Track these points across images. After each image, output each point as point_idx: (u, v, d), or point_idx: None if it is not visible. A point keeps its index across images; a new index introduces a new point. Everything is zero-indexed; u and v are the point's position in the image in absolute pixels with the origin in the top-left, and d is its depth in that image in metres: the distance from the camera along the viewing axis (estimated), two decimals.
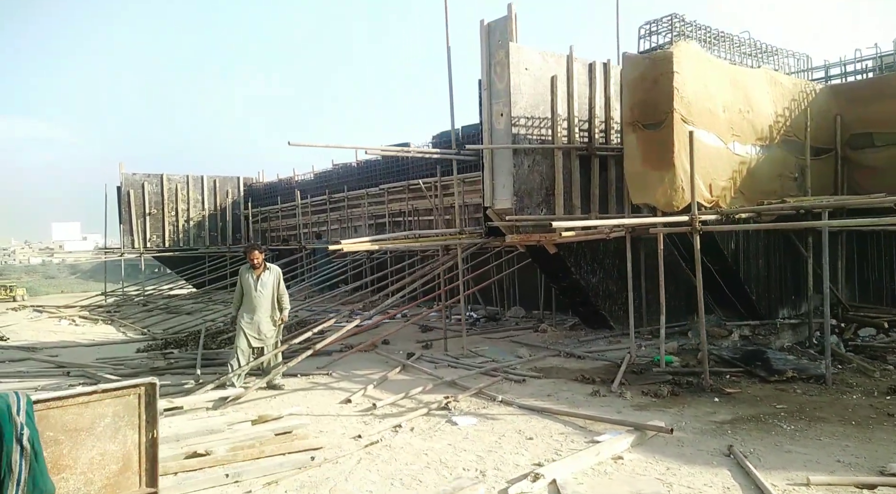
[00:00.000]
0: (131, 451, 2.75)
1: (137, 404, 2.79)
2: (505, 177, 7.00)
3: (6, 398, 2.38)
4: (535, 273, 10.45)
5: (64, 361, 7.83)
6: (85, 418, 2.64)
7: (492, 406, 4.96)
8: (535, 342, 7.78)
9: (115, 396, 2.73)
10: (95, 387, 2.72)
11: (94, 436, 2.66)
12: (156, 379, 2.85)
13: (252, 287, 5.91)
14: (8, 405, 2.35)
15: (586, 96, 7.51)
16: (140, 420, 2.79)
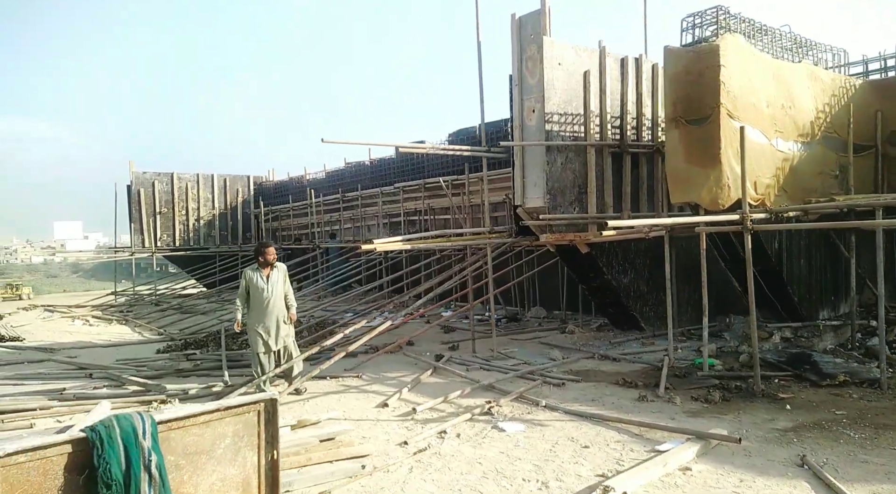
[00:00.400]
0: (251, 475, 2.49)
1: (257, 422, 2.52)
2: (537, 175, 6.82)
3: (131, 419, 2.15)
4: (555, 273, 10.27)
5: (84, 362, 7.69)
6: (206, 439, 2.38)
7: (536, 412, 4.79)
8: (564, 344, 7.61)
9: (236, 414, 2.47)
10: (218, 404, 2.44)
11: (214, 459, 2.39)
12: (276, 395, 2.62)
13: (263, 288, 5.66)
14: (133, 427, 2.12)
15: (618, 92, 7.32)
16: (260, 440, 2.52)
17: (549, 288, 10.81)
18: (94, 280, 46.72)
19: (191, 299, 15.30)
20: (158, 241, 18.47)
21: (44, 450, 1.98)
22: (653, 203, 7.76)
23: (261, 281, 5.67)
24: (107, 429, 2.08)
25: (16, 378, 6.87)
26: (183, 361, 7.57)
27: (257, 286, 5.66)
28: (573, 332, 8.22)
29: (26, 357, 8.28)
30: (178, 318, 12.32)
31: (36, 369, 7.59)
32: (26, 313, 15.07)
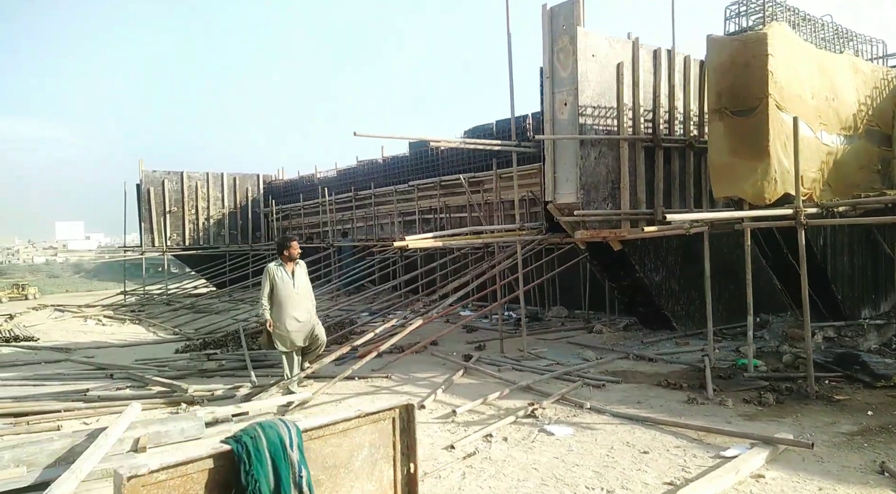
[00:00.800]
0: (387, 491, 2.25)
1: (392, 431, 2.29)
2: (569, 170, 6.63)
3: (277, 428, 1.91)
4: (576, 272, 10.08)
5: (102, 362, 7.53)
6: (343, 450, 2.14)
7: (582, 414, 4.60)
8: (593, 344, 7.41)
9: (373, 421, 2.24)
10: (357, 412, 2.22)
11: (352, 473, 2.14)
12: (413, 401, 2.39)
13: (290, 283, 5.43)
14: (281, 438, 1.88)
15: (650, 85, 7.12)
16: (395, 451, 2.29)
17: (569, 287, 10.62)
18: (96, 281, 46.69)
19: (203, 298, 15.15)
20: (168, 240, 18.35)
21: (185, 466, 1.73)
22: (684, 199, 7.56)
23: (286, 276, 5.45)
24: (253, 441, 1.82)
25: (35, 379, 6.72)
26: (204, 361, 7.40)
27: (283, 281, 5.42)
28: (601, 332, 8.03)
29: (43, 358, 8.12)
30: (192, 317, 12.17)
31: (54, 369, 7.43)
32: (36, 312, 14.94)
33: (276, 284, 5.42)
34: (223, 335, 9.14)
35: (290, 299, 5.40)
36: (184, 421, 4.34)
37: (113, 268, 54.61)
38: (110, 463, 3.66)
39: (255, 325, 10.09)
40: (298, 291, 5.43)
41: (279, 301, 5.41)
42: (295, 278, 5.46)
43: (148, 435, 4.07)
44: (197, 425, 4.31)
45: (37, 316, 14.08)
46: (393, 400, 5.26)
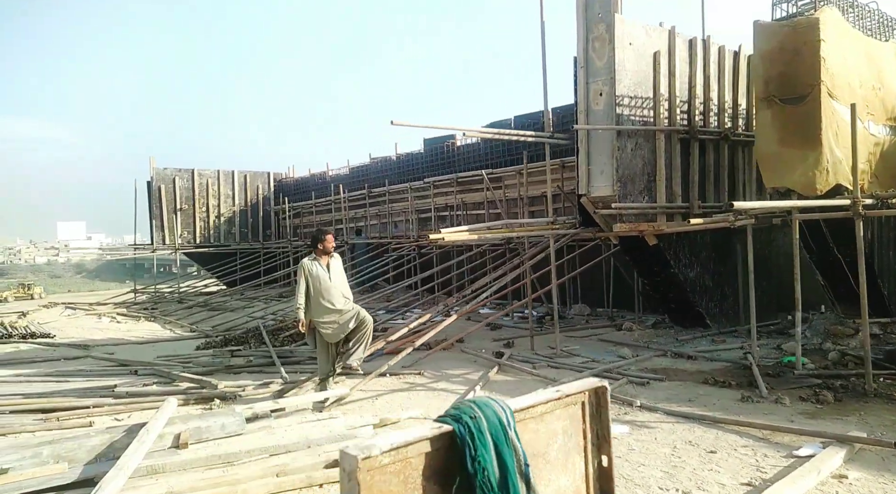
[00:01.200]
0: (580, 487, 1.92)
1: (581, 416, 1.95)
2: (604, 162, 6.47)
3: (493, 407, 1.63)
4: (599, 268, 9.91)
5: (123, 359, 7.39)
6: (540, 437, 1.84)
7: (634, 412, 4.43)
8: (625, 341, 7.24)
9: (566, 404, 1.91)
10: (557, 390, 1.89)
11: (549, 464, 1.83)
12: (605, 382, 2.05)
13: (326, 277, 5.12)
14: (500, 418, 1.61)
15: (686, 75, 6.96)
16: (586, 441, 1.95)
17: (591, 284, 10.45)
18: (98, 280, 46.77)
19: (215, 296, 15.01)
20: (179, 238, 18.23)
21: (405, 449, 1.52)
22: (718, 192, 7.39)
23: (322, 271, 5.17)
24: (475, 421, 1.55)
25: (57, 375, 6.58)
26: (228, 357, 7.26)
27: (318, 276, 5.13)
28: (631, 329, 7.85)
29: (62, 354, 7.99)
30: (207, 315, 12.03)
31: (75, 366, 7.29)
32: (48, 310, 14.86)
33: (312, 279, 5.14)
34: (243, 332, 9.00)
35: (325, 294, 5.13)
36: (223, 417, 4.18)
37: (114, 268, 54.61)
38: (153, 460, 3.52)
39: (274, 322, 9.96)
40: (335, 284, 5.20)
41: (316, 296, 5.13)
42: (331, 272, 5.21)
43: (188, 431, 3.92)
44: (237, 420, 4.16)
45: (48, 314, 13.99)
46: (431, 397, 5.14)
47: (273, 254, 17.84)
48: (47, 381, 6.34)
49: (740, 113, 7.68)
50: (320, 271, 5.17)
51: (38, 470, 3.41)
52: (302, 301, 5.12)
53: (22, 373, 6.73)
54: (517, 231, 6.50)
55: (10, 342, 9.00)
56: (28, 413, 4.97)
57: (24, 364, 7.42)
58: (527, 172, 8.73)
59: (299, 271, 5.21)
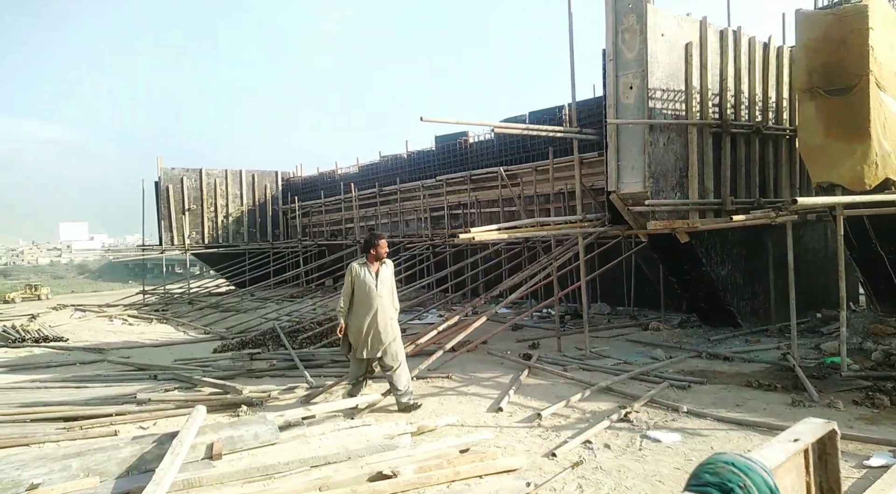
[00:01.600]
0: None
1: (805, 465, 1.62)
2: (634, 157, 6.27)
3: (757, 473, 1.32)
4: (619, 266, 9.71)
5: (140, 362, 7.24)
6: None
7: (680, 419, 4.25)
8: (655, 341, 7.05)
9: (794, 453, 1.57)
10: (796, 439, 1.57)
11: None
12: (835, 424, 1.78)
13: (372, 285, 4.79)
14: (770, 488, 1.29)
15: (717, 68, 6.74)
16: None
17: (611, 283, 10.26)
18: (100, 281, 46.77)
19: (226, 297, 14.86)
20: (187, 238, 18.10)
21: None
22: (749, 188, 7.19)
23: (369, 277, 4.80)
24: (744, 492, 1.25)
25: (75, 381, 6.44)
26: (248, 360, 7.10)
27: (365, 283, 4.78)
28: (658, 329, 7.66)
29: (77, 359, 7.85)
30: (220, 317, 11.88)
31: (92, 370, 7.15)
32: (57, 312, 14.72)
33: (356, 285, 4.79)
34: (259, 334, 8.84)
35: (368, 303, 4.77)
36: (256, 425, 4.02)
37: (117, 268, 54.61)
38: (189, 473, 3.36)
39: (290, 324, 9.80)
40: (382, 294, 4.81)
41: (357, 304, 4.80)
42: (379, 281, 4.83)
43: (221, 441, 3.76)
44: (270, 429, 3.99)
45: (58, 316, 13.85)
46: (464, 401, 5.00)
47: (282, 254, 17.71)
48: (66, 387, 6.20)
49: (770, 106, 7.47)
50: (368, 277, 4.82)
51: (69, 485, 3.25)
52: (344, 305, 4.84)
53: (39, 379, 6.59)
54: (547, 230, 6.32)
55: (23, 345, 8.87)
56: (50, 422, 4.82)
57: (39, 369, 7.28)
58: (553, 167, 8.50)
59: (347, 274, 4.93)
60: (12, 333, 9.77)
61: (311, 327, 9.05)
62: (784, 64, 7.60)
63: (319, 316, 10.10)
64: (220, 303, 13.71)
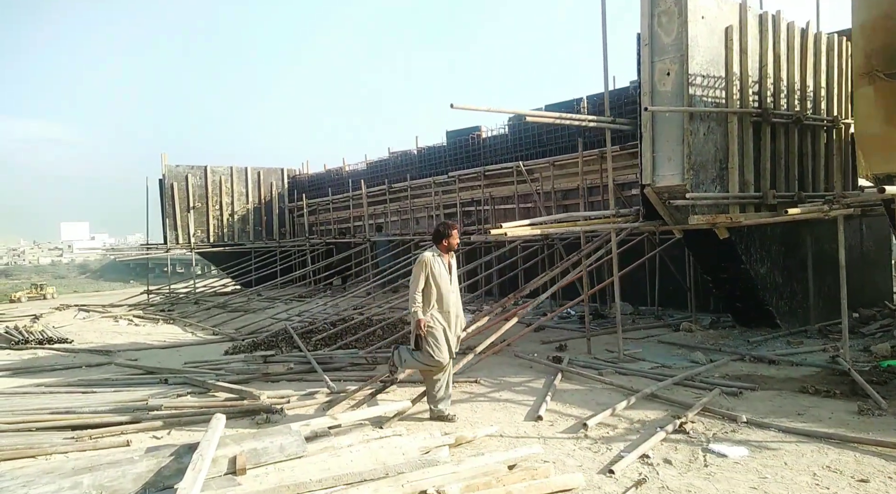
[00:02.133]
0: None
1: None
2: (672, 148, 5.92)
3: None
4: (642, 265, 9.36)
5: (149, 365, 6.93)
6: None
7: (742, 430, 3.91)
8: (689, 343, 6.71)
9: None
10: None
11: None
12: None
13: (447, 281, 4.27)
14: None
15: (757, 53, 6.39)
16: None
17: (633, 282, 9.89)
18: (102, 280, 46.65)
19: (233, 297, 14.54)
20: (192, 237, 17.79)
21: None
22: (788, 180, 6.83)
23: (444, 270, 4.29)
24: None
25: (81, 385, 6.12)
26: (261, 363, 6.78)
27: (440, 277, 4.23)
28: (690, 330, 7.31)
29: (83, 361, 7.54)
30: (228, 317, 11.57)
31: (98, 373, 6.84)
32: (60, 313, 14.40)
33: (432, 279, 4.21)
34: (271, 335, 8.52)
35: (443, 299, 4.26)
36: (281, 436, 3.69)
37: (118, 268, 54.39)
38: (211, 491, 3.03)
39: (302, 324, 9.48)
40: (454, 288, 4.37)
41: (436, 301, 4.25)
42: (452, 274, 4.38)
43: (244, 454, 3.43)
44: (296, 440, 3.66)
45: (62, 316, 13.55)
46: (498, 408, 4.61)
47: (289, 253, 17.39)
48: (72, 392, 5.88)
49: (808, 96, 7.11)
50: (442, 270, 4.27)
51: None
52: (420, 299, 4.24)
53: (44, 383, 6.28)
54: (580, 225, 5.98)
55: (27, 347, 8.56)
56: (57, 431, 4.51)
57: (44, 373, 6.97)
58: (581, 160, 8.10)
59: (419, 266, 4.27)
60: (15, 334, 9.46)
61: (325, 328, 8.73)
62: (822, 51, 7.24)
63: (332, 316, 9.79)
64: (227, 303, 13.40)
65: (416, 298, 4.26)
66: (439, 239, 4.40)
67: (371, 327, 8.60)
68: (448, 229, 4.38)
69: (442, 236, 4.38)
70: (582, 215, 6.11)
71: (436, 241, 4.43)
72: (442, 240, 4.38)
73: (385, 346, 7.44)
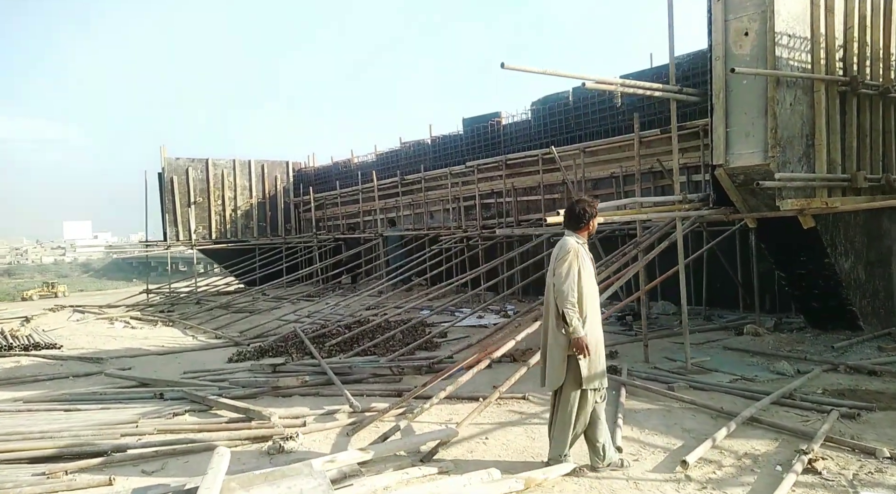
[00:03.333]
0: None
1: None
2: (750, 122, 5.04)
3: None
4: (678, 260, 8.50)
5: (143, 376, 6.10)
6: None
7: (889, 468, 3.06)
8: (760, 349, 5.84)
9: None
10: None
11: None
12: None
13: (594, 274, 3.26)
14: None
15: (842, 12, 5.49)
16: None
17: (674, 279, 9.02)
18: (105, 279, 46.15)
19: (238, 296, 13.72)
20: (194, 233, 16.99)
21: None
22: (872, 161, 5.94)
23: (591, 265, 3.23)
24: None
25: (64, 400, 5.30)
26: (268, 372, 5.95)
27: (588, 271, 3.17)
28: (757, 333, 6.44)
29: (70, 370, 6.72)
30: (231, 319, 10.75)
31: (86, 384, 6.03)
32: (54, 314, 13.56)
33: (584, 275, 3.12)
34: (279, 340, 7.69)
35: (596, 299, 3.25)
36: (300, 479, 2.87)
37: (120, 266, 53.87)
38: None
39: (313, 327, 8.66)
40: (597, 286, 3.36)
41: (587, 305, 3.13)
42: (594, 265, 3.38)
43: None
44: (321, 486, 2.83)
45: (55, 318, 12.73)
46: None
47: (295, 250, 16.57)
48: (53, 409, 5.06)
49: (891, 65, 6.20)
50: (588, 262, 3.19)
51: None
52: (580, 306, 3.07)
53: (21, 397, 5.46)
54: (647, 211, 5.14)
55: (9, 354, 7.75)
56: (28, 464, 3.71)
57: (25, 385, 6.16)
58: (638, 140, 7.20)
59: (570, 258, 3.08)
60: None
61: (339, 331, 7.90)
62: None
63: (346, 318, 8.96)
64: (230, 303, 12.58)
65: (573, 300, 3.02)
66: (583, 221, 3.20)
67: (390, 330, 7.78)
68: (591, 209, 3.24)
69: (588, 217, 3.20)
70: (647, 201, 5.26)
71: (575, 224, 3.23)
72: (589, 222, 3.22)
73: (408, 353, 6.62)
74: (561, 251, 3.14)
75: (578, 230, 3.25)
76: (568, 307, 3.03)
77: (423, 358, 6.30)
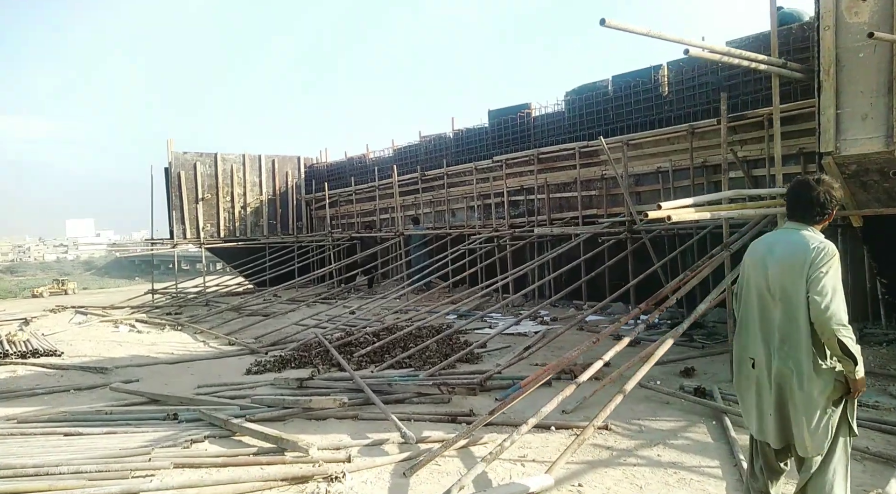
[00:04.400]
0: None
1: None
2: (867, 103, 4.29)
3: None
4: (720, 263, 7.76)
5: (153, 391, 5.39)
6: None
7: None
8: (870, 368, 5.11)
9: None
10: None
11: None
12: None
13: None
14: None
15: None
16: None
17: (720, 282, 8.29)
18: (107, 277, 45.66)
19: (249, 298, 13.00)
20: (201, 231, 16.29)
21: None
22: None
23: None
24: None
25: (65, 421, 4.60)
26: (294, 388, 5.22)
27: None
28: None
29: (72, 383, 6.01)
30: (244, 323, 10.03)
31: (89, 400, 5.32)
32: (55, 316, 12.81)
33: None
34: (302, 348, 6.97)
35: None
36: None
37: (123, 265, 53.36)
38: None
39: (340, 334, 7.92)
40: None
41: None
42: None
43: None
44: None
45: (56, 320, 11.99)
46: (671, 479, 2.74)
47: (307, 249, 15.86)
48: (51, 432, 4.36)
49: None
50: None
51: None
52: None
53: (16, 416, 4.76)
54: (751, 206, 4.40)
55: (5, 363, 7.04)
56: None
57: (21, 399, 5.46)
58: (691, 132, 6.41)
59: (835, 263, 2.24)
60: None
61: (367, 339, 7.17)
62: None
63: (372, 324, 8.23)
64: (242, 306, 11.86)
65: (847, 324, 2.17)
66: (827, 209, 2.36)
67: (422, 339, 7.05)
68: (840, 193, 2.42)
69: (833, 204, 2.36)
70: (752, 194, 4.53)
71: (812, 215, 2.37)
72: (833, 211, 2.39)
73: (448, 366, 5.89)
74: (825, 256, 2.23)
75: (816, 223, 2.36)
76: (845, 335, 2.13)
77: (467, 373, 5.56)
